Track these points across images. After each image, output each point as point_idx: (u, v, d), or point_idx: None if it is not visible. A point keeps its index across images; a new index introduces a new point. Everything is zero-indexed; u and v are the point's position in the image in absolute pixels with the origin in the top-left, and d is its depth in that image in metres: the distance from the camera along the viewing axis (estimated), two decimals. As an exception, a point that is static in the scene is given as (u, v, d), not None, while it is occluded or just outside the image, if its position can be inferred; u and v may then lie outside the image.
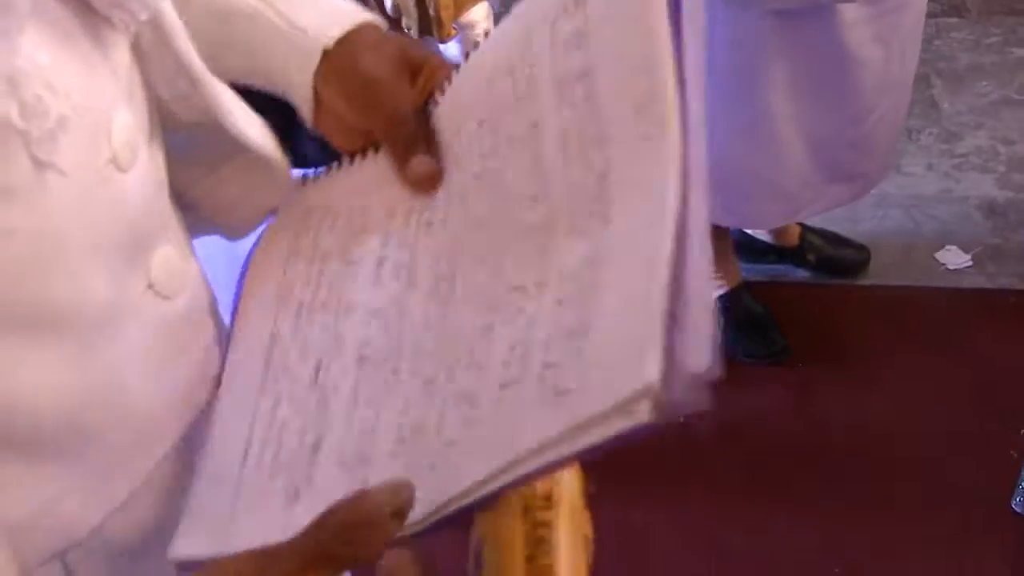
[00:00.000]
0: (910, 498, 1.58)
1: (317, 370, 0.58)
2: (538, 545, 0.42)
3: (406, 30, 1.24)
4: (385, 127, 0.60)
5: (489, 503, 0.44)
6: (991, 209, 2.10)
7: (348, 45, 0.61)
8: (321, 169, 0.65)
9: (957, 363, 1.78)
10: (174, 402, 0.58)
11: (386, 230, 0.60)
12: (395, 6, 0.97)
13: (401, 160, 0.59)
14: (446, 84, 0.60)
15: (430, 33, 1.34)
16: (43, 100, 0.46)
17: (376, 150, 0.62)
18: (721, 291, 1.85)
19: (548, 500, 0.43)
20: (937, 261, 2.00)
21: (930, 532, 1.53)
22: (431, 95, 0.61)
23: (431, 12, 1.08)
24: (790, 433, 1.69)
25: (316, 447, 0.54)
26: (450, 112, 0.60)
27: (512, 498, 0.43)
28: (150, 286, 0.54)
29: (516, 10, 0.58)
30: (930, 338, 1.84)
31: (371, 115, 0.61)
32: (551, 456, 0.42)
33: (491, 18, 1.55)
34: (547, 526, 0.42)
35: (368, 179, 0.62)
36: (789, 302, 1.90)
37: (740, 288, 1.85)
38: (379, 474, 0.51)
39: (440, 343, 0.55)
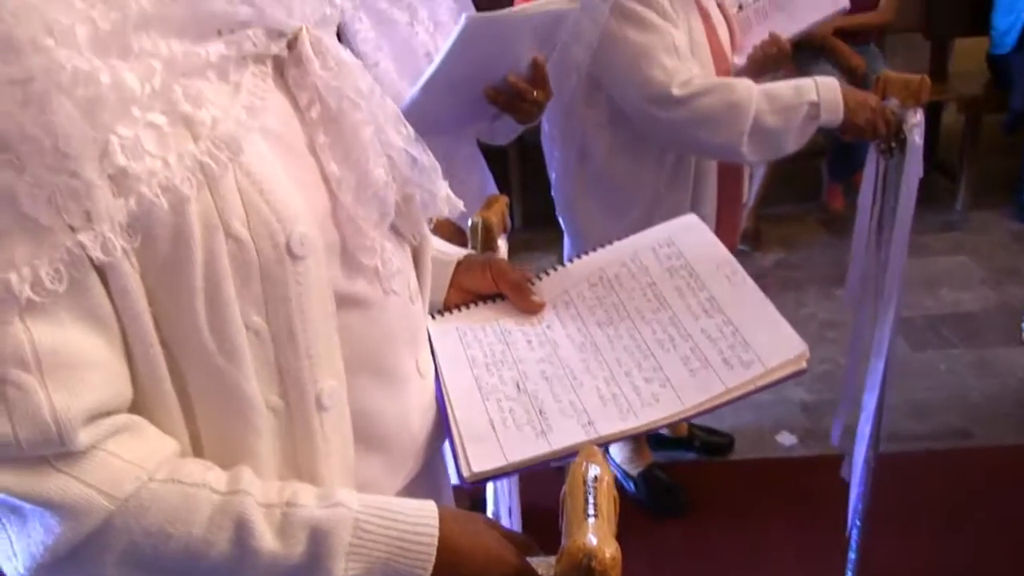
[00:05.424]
0: (760, 519, 2.09)
1: (518, 385, 0.75)
2: (588, 496, 0.55)
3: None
4: (512, 285, 0.87)
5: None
6: (804, 406, 2.57)
7: (469, 256, 0.90)
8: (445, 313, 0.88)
9: (796, 501, 2.25)
10: (429, 436, 0.75)
11: (521, 327, 0.85)
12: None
13: (525, 298, 0.86)
14: (543, 273, 0.88)
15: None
16: (392, 260, 0.67)
17: (486, 301, 0.87)
18: (640, 470, 2.25)
19: (596, 479, 0.56)
20: (777, 441, 2.47)
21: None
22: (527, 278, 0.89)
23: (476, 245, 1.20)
24: (695, 554, 2.14)
25: (542, 412, 0.73)
26: (557, 282, 0.87)
27: (578, 478, 0.56)
28: (418, 370, 0.72)
29: (617, 245, 0.89)
30: (778, 489, 2.31)
31: (502, 281, 0.87)
32: (734, 395, 0.69)
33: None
34: (595, 491, 0.55)
35: (487, 312, 0.86)
36: (686, 474, 2.33)
37: (652, 466, 2.26)
38: (596, 412, 0.71)
39: (607, 359, 0.75)
